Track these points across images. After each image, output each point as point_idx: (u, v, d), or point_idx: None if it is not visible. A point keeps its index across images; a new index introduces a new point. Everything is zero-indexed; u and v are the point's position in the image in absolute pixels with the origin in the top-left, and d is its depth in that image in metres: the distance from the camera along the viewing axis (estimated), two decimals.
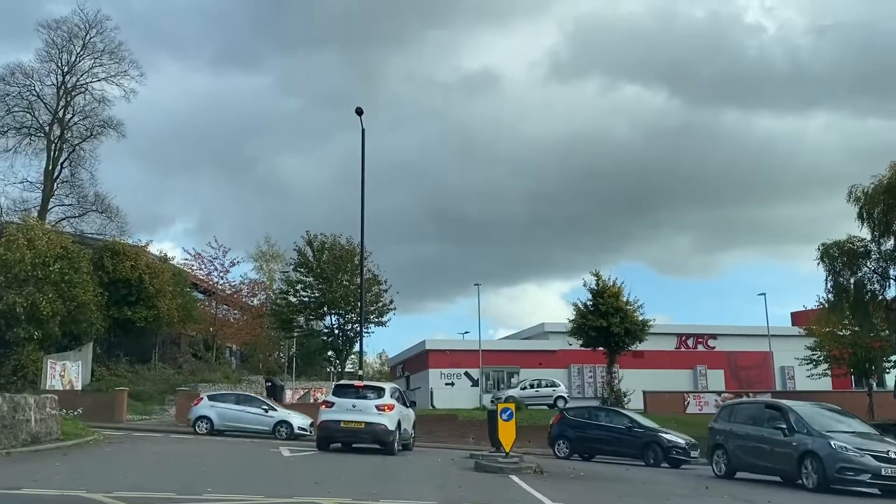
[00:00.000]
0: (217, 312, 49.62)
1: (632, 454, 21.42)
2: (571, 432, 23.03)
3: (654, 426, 22.18)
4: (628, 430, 21.88)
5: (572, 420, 23.52)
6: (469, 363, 43.87)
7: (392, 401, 19.27)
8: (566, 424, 23.40)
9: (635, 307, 36.72)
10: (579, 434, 22.82)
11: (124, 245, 38.72)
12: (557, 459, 21.64)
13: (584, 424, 23.02)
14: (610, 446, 22.14)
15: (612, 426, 22.37)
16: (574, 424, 23.20)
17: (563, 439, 23.06)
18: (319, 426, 18.90)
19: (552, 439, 23.49)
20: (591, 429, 22.72)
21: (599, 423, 22.87)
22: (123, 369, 38.84)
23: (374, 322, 35.44)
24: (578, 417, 23.62)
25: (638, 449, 21.25)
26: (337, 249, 35.51)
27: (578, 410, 25.24)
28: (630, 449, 21.51)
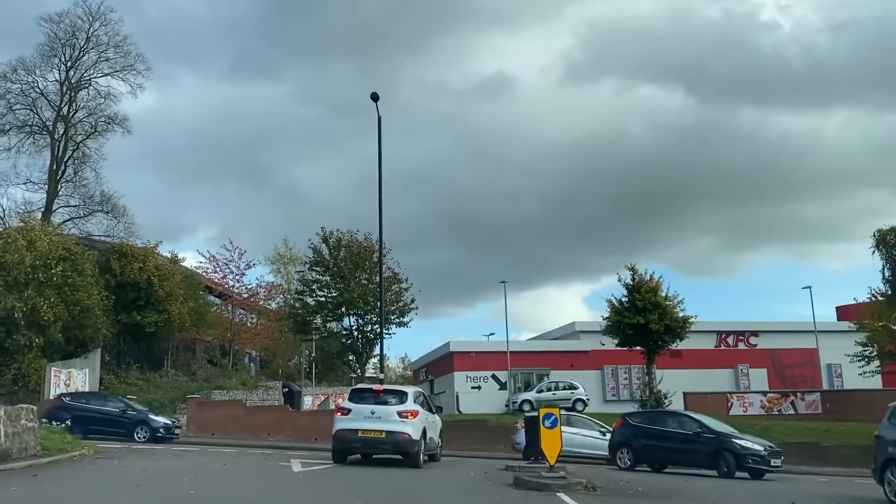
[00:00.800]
0: (233, 317, 47.72)
1: (702, 463, 18.99)
2: (635, 440, 20.57)
3: (726, 430, 19.58)
4: (696, 435, 19.31)
5: (636, 426, 21.04)
6: (496, 365, 41.57)
7: (416, 406, 17.08)
8: (629, 431, 20.95)
9: (675, 303, 34.32)
10: (644, 442, 20.33)
11: (132, 246, 36.88)
12: (618, 471, 19.32)
13: (648, 431, 20.52)
14: (678, 455, 19.72)
15: (679, 432, 19.83)
16: (638, 431, 20.72)
17: (626, 448, 20.70)
18: (335, 436, 16.74)
19: (613, 448, 21.17)
20: (657, 436, 20.19)
21: (666, 428, 20.31)
22: (134, 377, 37.01)
23: (394, 322, 33.25)
24: (643, 423, 21.17)
25: (708, 457, 18.76)
26: (354, 246, 33.41)
27: (642, 415, 22.88)
28: (699, 457, 19.05)
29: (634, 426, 21.05)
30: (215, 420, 30.00)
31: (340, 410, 17.08)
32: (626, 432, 20.98)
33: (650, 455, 20.28)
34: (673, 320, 33.83)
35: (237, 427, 29.82)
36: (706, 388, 38.99)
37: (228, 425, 29.92)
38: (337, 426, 16.69)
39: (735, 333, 46.05)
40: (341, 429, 16.56)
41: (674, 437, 19.82)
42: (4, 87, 37.28)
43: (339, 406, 17.81)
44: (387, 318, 31.75)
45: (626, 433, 20.92)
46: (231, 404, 31.04)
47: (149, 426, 24.91)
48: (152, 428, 24.82)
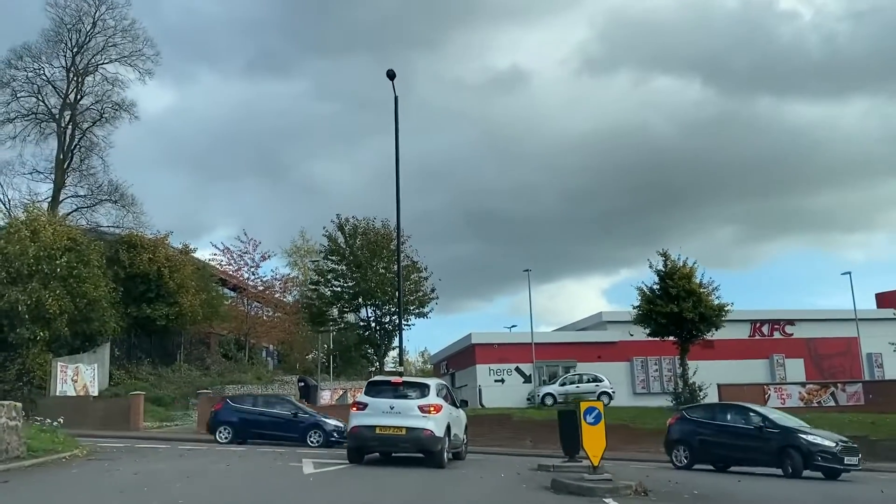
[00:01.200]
0: (248, 310, 46.47)
1: (765, 461, 17.09)
2: (692, 436, 18.66)
3: (792, 424, 17.49)
4: (759, 430, 17.28)
5: (693, 421, 19.14)
6: (520, 357, 39.90)
7: (439, 400, 15.52)
8: (686, 427, 19.10)
9: (709, 290, 32.48)
10: (701, 438, 18.46)
11: (141, 237, 35.66)
12: (673, 470, 17.62)
13: (706, 426, 18.62)
14: (739, 452, 17.79)
15: (739, 427, 17.88)
16: (695, 426, 18.85)
17: (683, 445, 18.82)
18: (350, 433, 15.23)
19: (669, 445, 19.37)
20: (715, 431, 18.32)
21: (725, 423, 18.37)
22: (145, 372, 35.84)
23: (413, 313, 31.68)
24: (700, 417, 19.23)
25: (771, 455, 16.81)
26: (371, 234, 31.87)
27: (701, 409, 20.86)
28: (762, 455, 17.10)
29: (691, 421, 19.18)
30: None
31: (356, 405, 15.55)
32: (682, 428, 19.12)
33: (708, 453, 18.41)
34: (708, 308, 31.99)
35: None
36: (740, 379, 37.13)
37: None
38: (352, 422, 15.17)
39: (770, 322, 44.07)
40: (357, 425, 15.04)
41: (733, 432, 17.88)
42: (9, 74, 36.13)
43: (354, 400, 16.28)
44: (405, 308, 30.21)
45: (683, 429, 19.06)
46: None
47: (322, 430, 22.77)
48: (325, 432, 22.68)
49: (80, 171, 36.80)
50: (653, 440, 28.18)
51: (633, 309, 33.43)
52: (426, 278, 32.19)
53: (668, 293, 31.70)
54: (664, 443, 19.89)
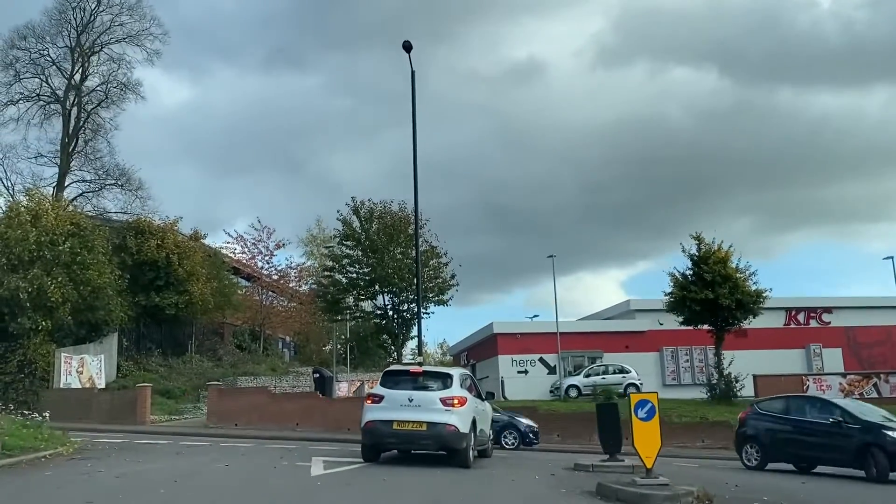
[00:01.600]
0: (263, 300, 45.11)
1: (845, 461, 14.97)
2: (764, 433, 16.67)
3: (875, 419, 15.15)
4: (837, 426, 15.14)
5: (765, 414, 17.12)
6: (544, 348, 38.17)
7: (463, 392, 13.92)
8: (757, 422, 17.10)
9: (746, 275, 30.66)
10: (774, 435, 16.47)
11: (149, 223, 34.26)
12: (744, 471, 15.85)
13: (780, 421, 16.60)
14: (816, 451, 15.71)
15: (815, 422, 15.76)
16: (767, 422, 16.82)
17: (753, 442, 16.87)
18: (364, 429, 13.65)
19: (739, 442, 17.42)
20: (789, 427, 16.27)
21: (803, 418, 16.22)
22: (155, 363, 34.48)
23: (433, 301, 30.01)
24: (773, 411, 17.17)
25: (851, 454, 14.67)
26: (388, 218, 30.23)
27: (774, 402, 18.56)
28: (840, 454, 14.98)
29: (763, 415, 17.15)
30: (238, 409, 27.16)
31: (370, 398, 13.98)
32: (753, 423, 17.14)
33: (781, 451, 16.42)
34: (745, 294, 30.21)
35: (262, 417, 26.96)
36: (775, 369, 35.23)
37: (252, 415, 27.07)
38: (367, 417, 13.60)
39: (806, 310, 42.02)
40: (372, 420, 13.47)
41: (809, 428, 15.83)
42: (12, 55, 34.79)
43: (369, 393, 14.67)
44: (424, 295, 28.57)
45: (754, 424, 17.09)
46: (255, 392, 28.22)
47: (517, 430, 21.41)
48: (521, 432, 21.30)
49: (85, 155, 35.51)
50: (689, 434, 26.55)
51: (665, 296, 31.70)
52: (446, 264, 30.54)
53: (703, 279, 29.96)
54: (734, 440, 17.94)
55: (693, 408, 29.90)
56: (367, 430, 13.59)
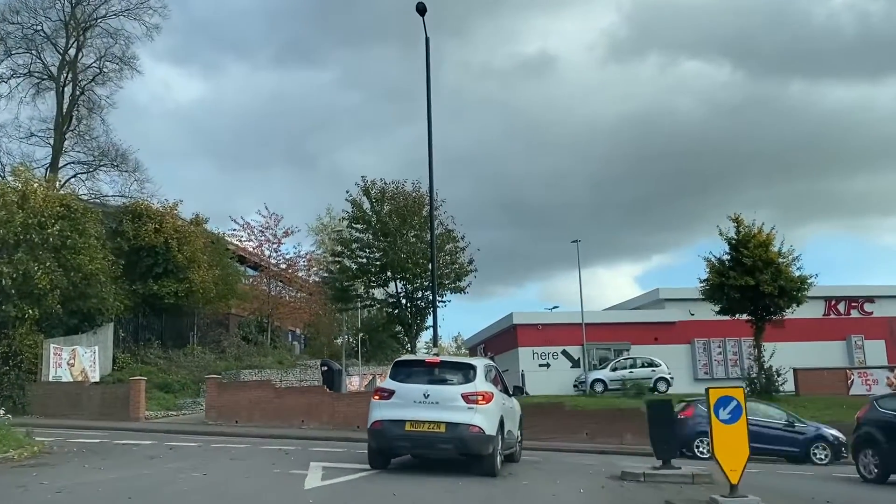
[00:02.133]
0: (271, 289, 42.95)
1: None
2: (883, 438, 13.15)
3: None
4: None
5: (886, 416, 13.44)
6: (567, 339, 35.95)
7: (488, 386, 11.73)
8: (875, 424, 13.57)
9: (789, 259, 28.28)
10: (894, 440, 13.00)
11: (147, 206, 32.21)
12: (860, 484, 13.19)
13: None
14: None
15: None
16: (887, 424, 13.23)
17: (871, 449, 13.47)
18: (371, 430, 11.47)
19: (855, 447, 14.19)
20: None
21: None
22: (154, 355, 32.43)
23: (449, 288, 27.79)
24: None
25: None
26: (401, 199, 28.03)
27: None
28: None
29: (884, 414, 13.67)
30: (239, 405, 25.08)
31: (379, 393, 11.78)
32: (872, 424, 13.76)
33: None
34: (788, 281, 27.85)
35: (265, 413, 24.89)
36: (814, 362, 32.90)
37: (254, 411, 25.00)
38: (374, 416, 11.43)
39: (846, 299, 39.52)
40: (381, 420, 11.30)
41: None
42: (3, 29, 32.79)
43: (376, 387, 12.45)
44: (440, 282, 26.36)
45: (872, 426, 13.71)
46: (257, 386, 26.09)
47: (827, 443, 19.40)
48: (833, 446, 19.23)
49: (79, 134, 33.49)
50: None
51: (700, 283, 29.38)
52: (463, 249, 28.30)
53: (742, 264, 27.61)
54: (851, 444, 15.07)
55: None
56: (374, 432, 11.41)
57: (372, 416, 11.50)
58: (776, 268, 27.57)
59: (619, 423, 24.52)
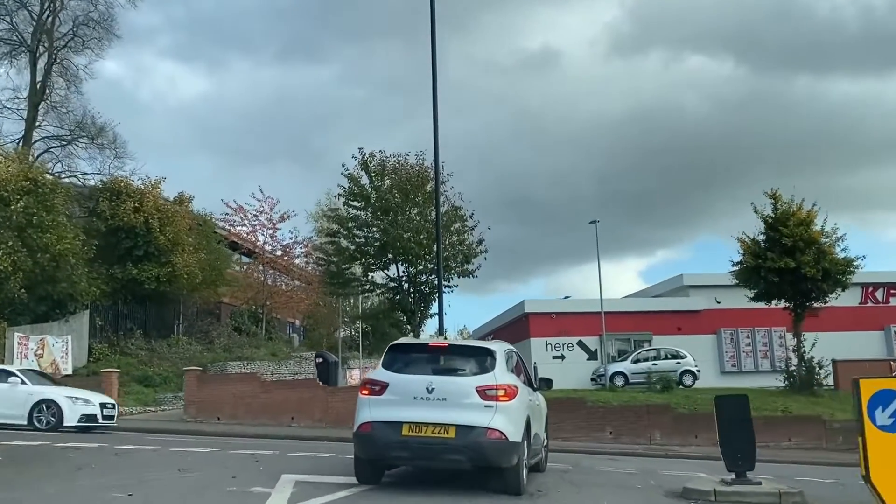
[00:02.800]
0: (265, 277, 40.28)
1: None
2: None
3: None
4: None
5: None
6: (583, 329, 33.25)
7: (511, 378, 9.07)
8: None
9: (832, 239, 25.57)
10: None
11: (127, 184, 29.54)
12: None
13: None
14: None
15: None
16: None
17: None
18: (358, 435, 8.77)
19: None
20: None
21: None
22: (135, 346, 29.81)
23: (456, 271, 25.11)
24: None
25: None
26: (403, 172, 25.34)
27: None
28: None
29: None
30: (221, 400, 22.49)
31: (368, 387, 9.08)
32: None
33: None
34: (832, 263, 25.13)
35: (250, 409, 22.32)
36: (850, 353, 30.21)
37: (239, 407, 22.42)
38: (361, 416, 8.76)
39: (885, 286, 36.68)
40: (370, 421, 8.64)
41: None
42: None
43: (365, 380, 9.70)
44: (446, 264, 23.68)
45: None
46: (242, 379, 23.51)
47: None
48: None
49: (53, 105, 30.75)
50: (770, 432, 21.42)
51: (733, 266, 26.69)
52: (472, 228, 25.57)
53: (781, 244, 24.87)
54: None
55: (768, 399, 24.95)
56: (361, 438, 8.74)
57: (359, 417, 8.82)
58: (819, 248, 24.87)
59: (647, 421, 21.99)
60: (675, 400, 23.68)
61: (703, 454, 18.73)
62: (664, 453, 18.95)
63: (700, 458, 16.90)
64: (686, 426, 21.64)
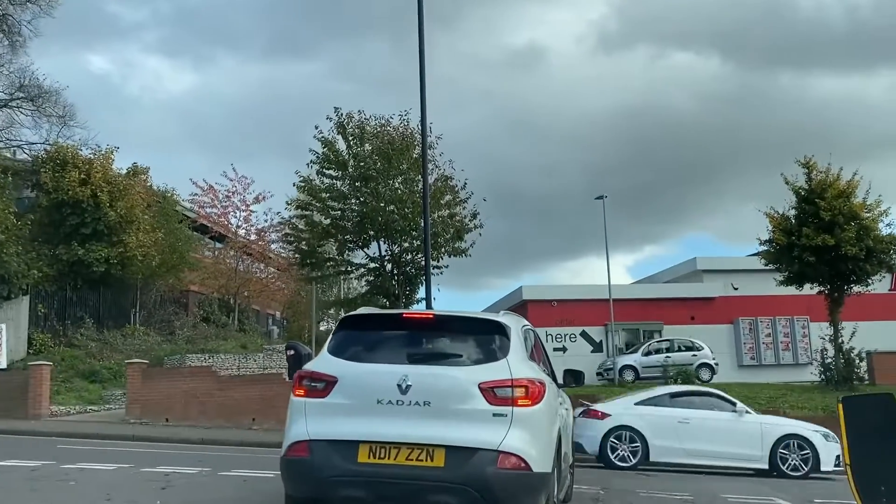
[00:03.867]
0: (238, 264, 36.88)
1: None
2: None
3: None
4: None
5: None
6: (587, 318, 30.08)
7: (532, 369, 5.77)
8: None
9: (875, 214, 22.44)
10: None
11: (74, 152, 26.12)
12: None
13: None
14: None
15: None
16: None
17: None
18: (290, 461, 5.51)
19: None
20: None
21: None
22: (85, 336, 26.42)
23: (446, 250, 21.84)
24: None
25: None
26: (385, 136, 22.05)
27: None
28: None
29: None
30: (171, 398, 19.25)
31: (304, 384, 5.81)
32: None
33: None
34: (876, 241, 22.03)
35: (205, 409, 19.11)
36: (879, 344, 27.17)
37: (191, 406, 19.18)
38: (294, 431, 5.60)
39: None
40: (305, 440, 5.43)
41: None
42: None
43: (300, 374, 6.17)
44: (434, 241, 20.44)
45: None
46: (195, 374, 20.17)
47: None
48: None
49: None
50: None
51: (761, 244, 23.55)
52: (464, 200, 22.28)
53: (819, 217, 21.71)
54: None
55: (803, 396, 21.92)
56: (293, 466, 5.54)
57: (290, 433, 5.62)
58: (861, 224, 21.74)
59: None
60: None
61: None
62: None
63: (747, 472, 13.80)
64: None
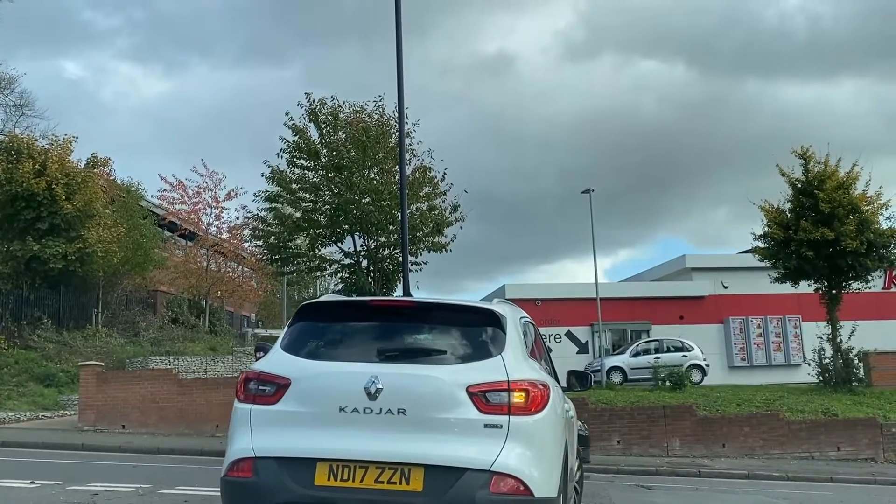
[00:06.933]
0: (209, 263, 35.38)
1: None
2: None
3: None
4: None
5: None
6: (572, 318, 28.95)
7: (533, 370, 4.52)
8: None
9: (875, 206, 21.46)
10: None
11: (29, 142, 24.59)
12: None
13: None
14: None
15: None
16: None
17: None
18: (231, 483, 4.23)
19: None
20: None
21: None
22: (44, 338, 24.89)
23: (425, 244, 20.57)
24: None
25: None
26: (360, 123, 20.76)
27: None
28: None
29: None
30: (128, 404, 17.80)
31: (249, 386, 4.52)
32: None
33: None
34: (877, 234, 21.04)
35: (165, 415, 17.67)
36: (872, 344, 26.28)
37: (150, 412, 17.74)
38: (237, 446, 4.26)
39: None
40: (250, 458, 4.12)
41: None
42: None
43: (247, 374, 4.96)
44: (412, 234, 19.20)
45: None
46: (156, 377, 18.70)
47: None
48: None
49: None
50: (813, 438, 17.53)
51: (755, 239, 22.52)
52: (444, 192, 21.04)
53: (818, 210, 20.70)
54: None
55: (802, 398, 20.84)
56: (235, 488, 4.21)
57: (232, 449, 4.31)
58: (862, 217, 20.75)
59: (662, 426, 17.78)
60: (690, 399, 19.49)
61: (750, 471, 14.55)
62: (697, 472, 14.67)
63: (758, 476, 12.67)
64: (711, 432, 17.56)
